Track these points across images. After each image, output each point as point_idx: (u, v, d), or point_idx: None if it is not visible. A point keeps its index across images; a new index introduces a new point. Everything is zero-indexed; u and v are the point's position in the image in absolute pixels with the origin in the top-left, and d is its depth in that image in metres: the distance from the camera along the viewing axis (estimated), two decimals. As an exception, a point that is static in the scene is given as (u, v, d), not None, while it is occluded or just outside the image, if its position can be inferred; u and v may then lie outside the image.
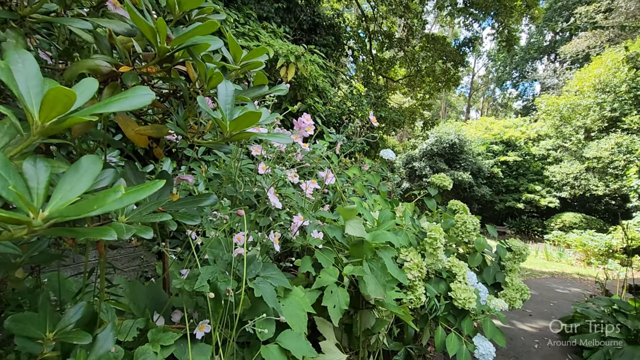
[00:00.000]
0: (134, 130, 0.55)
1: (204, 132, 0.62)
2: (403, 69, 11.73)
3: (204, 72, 0.56)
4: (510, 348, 3.39)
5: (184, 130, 0.58)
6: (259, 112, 0.50)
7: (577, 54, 25.33)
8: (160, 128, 0.57)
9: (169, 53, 0.52)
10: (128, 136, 0.57)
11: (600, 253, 11.50)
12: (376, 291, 1.39)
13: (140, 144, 0.57)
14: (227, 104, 0.53)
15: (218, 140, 0.55)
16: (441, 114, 40.60)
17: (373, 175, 2.94)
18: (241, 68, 0.68)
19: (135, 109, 0.38)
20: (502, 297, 2.70)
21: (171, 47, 0.51)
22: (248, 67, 0.71)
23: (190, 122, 0.65)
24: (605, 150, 14.24)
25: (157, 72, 0.55)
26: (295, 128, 1.33)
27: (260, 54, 0.66)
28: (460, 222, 2.72)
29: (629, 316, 3.20)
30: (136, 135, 0.55)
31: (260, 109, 0.73)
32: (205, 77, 0.56)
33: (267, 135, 0.60)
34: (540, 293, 5.86)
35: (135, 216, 0.51)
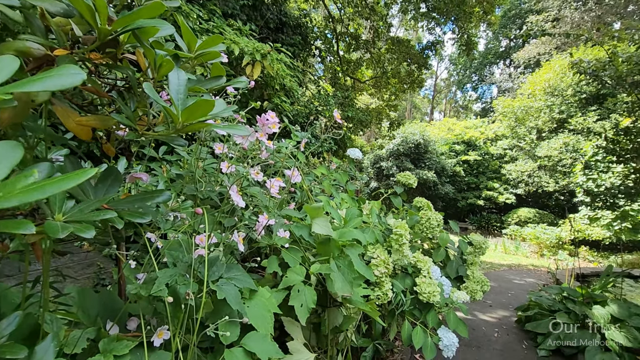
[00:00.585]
0: (75, 121, 0.50)
1: (156, 124, 0.58)
2: (370, 70, 11.95)
3: (153, 59, 0.52)
4: (472, 338, 3.54)
5: (132, 122, 0.53)
6: (212, 100, 0.47)
7: (529, 60, 27.16)
8: (105, 119, 0.52)
9: (112, 36, 0.47)
10: (69, 128, 0.52)
11: (551, 245, 12.37)
12: (343, 288, 1.39)
13: (83, 137, 0.52)
14: (180, 93, 0.50)
15: (169, 132, 0.52)
16: (407, 115, 41.87)
17: (341, 174, 2.96)
18: (197, 58, 0.65)
19: (63, 89, 0.34)
20: (464, 289, 2.81)
21: (113, 29, 0.46)
22: (205, 58, 0.67)
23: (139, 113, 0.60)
24: (555, 149, 15.33)
25: (100, 59, 0.50)
26: (259, 124, 1.30)
27: (215, 42, 0.63)
28: (425, 218, 2.80)
29: (576, 302, 3.46)
30: (77, 126, 0.50)
31: (218, 101, 0.70)
32: (154, 65, 0.52)
33: (223, 127, 0.57)
34: (499, 284, 6.19)
35: (75, 214, 0.46)
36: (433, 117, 43.20)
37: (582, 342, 3.06)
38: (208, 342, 1.19)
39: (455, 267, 2.91)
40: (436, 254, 2.89)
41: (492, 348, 3.33)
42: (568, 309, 3.41)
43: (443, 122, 27.58)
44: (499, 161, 20.04)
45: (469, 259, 2.99)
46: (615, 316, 3.15)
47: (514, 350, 3.33)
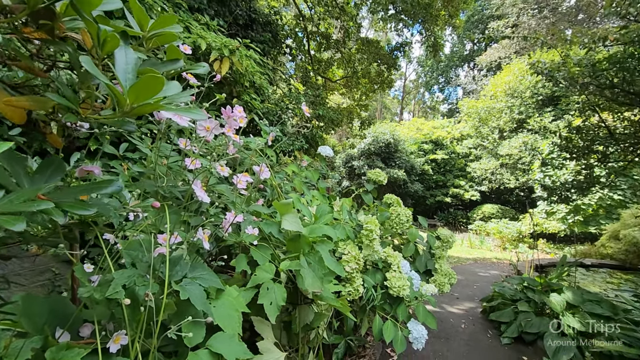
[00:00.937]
0: (3, 101, 0.44)
1: (102, 108, 0.53)
2: (341, 70, 12.03)
3: (96, 33, 0.47)
4: (441, 330, 3.64)
5: (74, 104, 0.48)
6: (161, 77, 0.43)
7: (491, 63, 28.59)
8: (40, 100, 0.47)
9: (44, 5, 0.42)
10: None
11: (513, 239, 13.05)
12: (313, 285, 1.38)
13: (15, 120, 0.46)
14: (128, 72, 0.46)
15: (117, 115, 0.47)
16: (377, 115, 42.62)
17: (312, 172, 2.94)
18: (150, 39, 0.60)
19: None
20: (432, 282, 2.88)
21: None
22: (160, 40, 0.63)
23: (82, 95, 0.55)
24: (515, 148, 16.20)
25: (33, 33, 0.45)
26: (224, 117, 1.25)
27: (170, 22, 0.59)
28: (395, 214, 2.84)
29: (536, 291, 3.66)
30: (7, 107, 0.44)
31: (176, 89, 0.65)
32: (98, 41, 0.47)
33: (176, 109, 0.52)
34: (466, 277, 6.44)
35: (3, 205, 0.40)
36: (403, 117, 44.28)
37: (541, 329, 3.24)
38: (172, 345, 1.13)
39: (424, 262, 2.98)
40: (406, 249, 2.95)
41: (460, 338, 3.45)
42: (528, 298, 3.60)
43: (412, 122, 28.34)
44: (465, 160, 20.87)
45: (437, 253, 3.07)
46: (570, 303, 3.36)
47: (479, 340, 3.47)
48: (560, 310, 3.28)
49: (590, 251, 8.74)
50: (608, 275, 6.70)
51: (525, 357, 3.13)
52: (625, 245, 7.27)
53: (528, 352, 3.23)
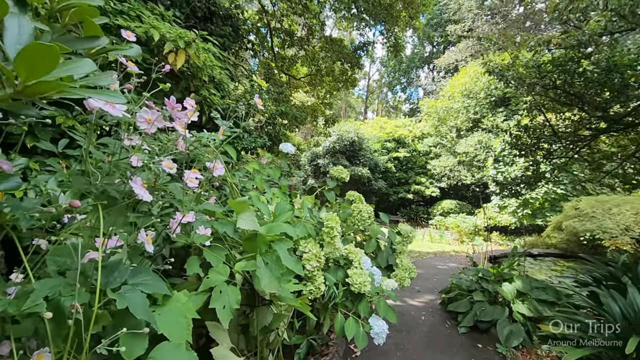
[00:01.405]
0: None
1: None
2: (305, 67, 11.97)
3: (-25, -5, 0.39)
4: (402, 323, 3.73)
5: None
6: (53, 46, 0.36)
7: (449, 65, 30.05)
8: None
9: None
10: None
11: (469, 232, 13.75)
12: (270, 285, 1.32)
13: None
14: (20, 44, 0.38)
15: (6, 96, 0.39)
16: (342, 113, 43.11)
17: (273, 170, 2.87)
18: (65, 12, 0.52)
19: None
20: (394, 277, 2.93)
21: None
22: (77, 15, 0.54)
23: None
24: (471, 146, 17.09)
25: None
26: (168, 108, 1.16)
27: (85, -9, 0.51)
28: (357, 211, 2.85)
29: (489, 281, 3.85)
30: None
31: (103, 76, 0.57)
32: (-21, 5, 0.39)
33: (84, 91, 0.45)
34: (426, 271, 6.67)
35: None
36: (367, 116, 45.14)
37: (494, 316, 3.42)
38: (111, 359, 1.03)
39: (385, 257, 3.02)
40: (368, 245, 2.97)
41: (420, 330, 3.55)
42: (483, 288, 3.78)
43: (375, 121, 28.98)
44: (425, 157, 21.68)
45: (398, 248, 3.13)
46: (520, 291, 3.57)
47: (438, 330, 3.59)
48: (511, 298, 3.48)
49: (537, 242, 9.42)
50: (552, 264, 7.26)
51: (480, 344, 3.28)
52: (567, 235, 7.91)
53: (482, 339, 3.39)
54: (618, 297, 2.92)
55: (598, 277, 4.02)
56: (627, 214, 6.63)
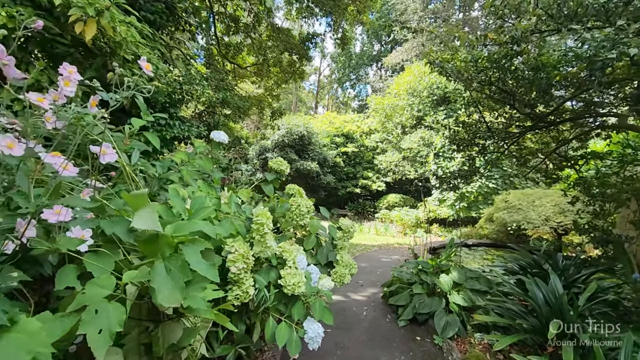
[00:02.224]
0: None
1: None
2: (252, 56, 11.48)
3: None
4: (343, 319, 3.65)
5: None
6: None
7: (396, 64, 31.29)
8: None
9: None
10: None
11: (412, 225, 14.37)
12: (171, 298, 1.08)
13: None
14: None
15: None
16: (293, 108, 42.79)
17: (204, 160, 2.59)
18: None
19: None
20: (334, 274, 2.80)
21: None
22: None
23: None
24: (414, 142, 17.87)
25: None
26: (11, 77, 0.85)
27: None
28: (295, 205, 2.66)
29: (428, 273, 3.92)
30: None
31: None
32: None
33: None
34: (370, 264, 6.75)
35: None
36: (317, 111, 45.25)
37: (432, 308, 3.47)
38: None
39: (325, 253, 2.88)
40: (307, 241, 2.81)
41: (361, 326, 3.49)
42: (422, 280, 3.84)
43: (325, 115, 29.14)
44: (372, 153, 22.26)
45: (339, 244, 3.01)
46: (456, 281, 3.68)
47: (379, 325, 3.56)
48: (448, 289, 3.56)
49: (472, 232, 10.09)
50: (484, 253, 7.78)
51: (419, 337, 3.31)
52: (497, 226, 8.55)
53: (421, 331, 3.42)
54: (541, 284, 3.10)
55: (524, 265, 4.30)
56: (548, 205, 7.31)
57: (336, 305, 4.10)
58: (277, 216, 3.01)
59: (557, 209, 7.18)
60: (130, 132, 2.20)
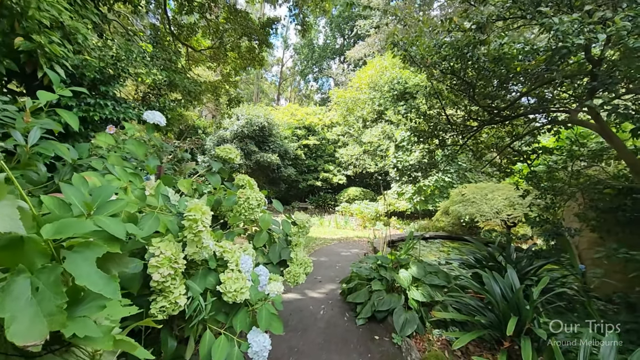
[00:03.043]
0: None
1: None
2: (207, 40, 10.76)
3: None
4: (299, 320, 3.42)
5: None
6: None
7: (358, 59, 31.57)
8: None
9: None
10: None
11: (371, 218, 14.51)
12: (31, 331, 0.74)
13: None
14: None
15: None
16: (254, 99, 41.70)
17: (135, 145, 2.19)
18: None
19: None
20: (287, 274, 2.54)
21: None
22: None
23: None
24: (375, 136, 18.05)
25: None
26: None
27: None
28: (243, 198, 2.35)
29: (387, 269, 3.79)
30: None
31: None
32: None
33: None
34: (330, 258, 6.58)
35: None
36: (280, 103, 44.50)
37: (391, 305, 3.34)
38: None
39: (278, 251, 2.61)
40: (257, 238, 2.51)
41: (317, 327, 3.28)
42: (381, 276, 3.70)
43: (287, 107, 28.62)
44: (334, 146, 22.22)
45: (294, 240, 2.75)
46: (415, 276, 3.58)
47: (337, 325, 3.37)
48: (407, 285, 3.45)
49: (429, 225, 10.33)
50: (441, 245, 7.95)
51: (377, 336, 3.16)
52: (452, 219, 8.78)
53: (380, 330, 3.28)
54: (498, 278, 3.07)
55: (479, 257, 4.34)
56: (499, 199, 7.61)
57: (292, 304, 3.85)
58: (224, 210, 2.70)
59: (507, 202, 7.48)
60: (32, 108, 1.77)
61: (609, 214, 4.34)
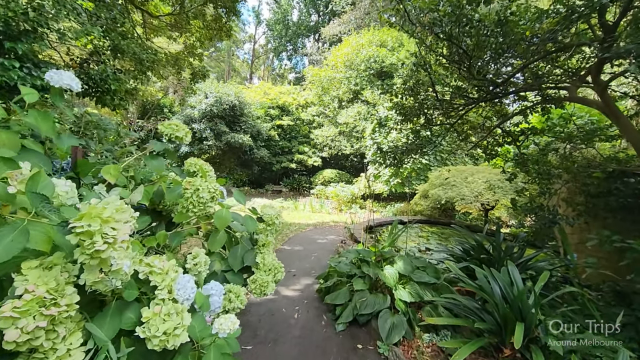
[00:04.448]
0: None
1: None
2: (168, 6, 9.62)
3: None
4: (270, 328, 2.93)
5: None
6: None
7: (334, 36, 30.66)
8: None
9: None
10: None
11: (347, 200, 14.18)
12: None
13: None
14: None
15: None
16: (225, 77, 39.85)
17: (38, 117, 1.55)
18: None
19: None
20: (251, 284, 2.02)
21: None
22: None
23: None
24: (351, 117, 17.54)
25: None
26: None
27: None
28: (191, 190, 1.77)
29: (370, 264, 3.36)
30: None
31: None
32: None
33: None
34: (305, 247, 6.12)
35: None
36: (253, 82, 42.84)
37: (375, 307, 2.92)
38: None
39: (240, 255, 2.06)
40: (213, 240, 1.94)
41: (291, 336, 2.81)
42: (363, 273, 3.26)
43: (259, 85, 27.42)
44: (309, 127, 21.54)
45: (261, 240, 2.21)
46: (402, 273, 3.17)
47: (313, 331, 2.92)
48: (394, 284, 3.04)
49: (407, 209, 10.09)
50: (420, 230, 7.68)
51: (360, 345, 2.74)
52: (431, 203, 8.54)
53: (363, 336, 2.86)
54: (497, 275, 2.70)
55: (467, 248, 4.01)
56: (479, 182, 7.40)
57: (263, 307, 3.36)
58: (170, 205, 2.10)
59: (487, 185, 7.28)
60: None
61: (598, 198, 4.11)
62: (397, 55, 17.25)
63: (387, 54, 17.62)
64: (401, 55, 16.79)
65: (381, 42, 18.54)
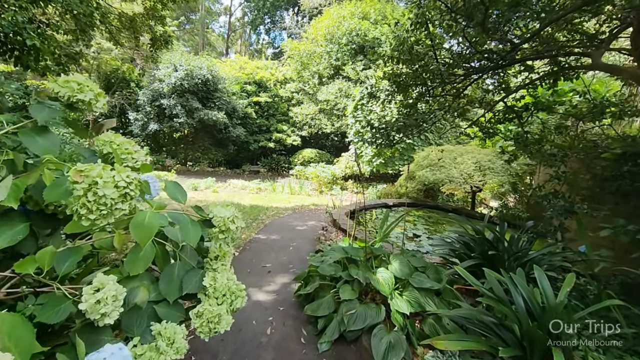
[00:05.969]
0: None
1: None
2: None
3: None
4: (236, 350, 2.32)
5: None
6: None
7: (314, 8, 29.22)
8: None
9: None
10: None
11: (328, 182, 13.61)
12: None
13: None
14: None
15: None
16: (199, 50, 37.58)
17: None
18: None
19: None
20: (197, 318, 1.37)
21: None
22: None
23: None
24: (332, 94, 16.69)
25: None
26: None
27: None
28: (84, 185, 1.05)
29: (360, 265, 2.78)
30: None
31: None
32: None
33: None
34: (282, 235, 5.51)
35: None
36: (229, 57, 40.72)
37: (366, 322, 2.36)
38: None
39: (177, 277, 1.39)
40: (133, 258, 1.27)
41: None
42: (351, 277, 2.68)
43: (235, 59, 25.86)
44: (287, 104, 20.53)
45: (212, 251, 1.55)
46: (398, 276, 2.61)
47: (290, 353, 2.33)
48: (389, 292, 2.47)
49: (391, 191, 9.61)
50: (406, 214, 7.22)
51: (349, 371, 2.19)
52: (418, 185, 8.07)
53: (351, 357, 2.31)
54: (519, 282, 2.17)
55: (467, 241, 3.51)
56: (469, 163, 6.95)
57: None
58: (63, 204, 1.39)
59: (477, 166, 6.84)
60: None
61: (607, 182, 3.69)
62: (380, 29, 16.38)
63: (369, 27, 16.70)
64: (384, 29, 15.94)
65: (364, 14, 17.56)
